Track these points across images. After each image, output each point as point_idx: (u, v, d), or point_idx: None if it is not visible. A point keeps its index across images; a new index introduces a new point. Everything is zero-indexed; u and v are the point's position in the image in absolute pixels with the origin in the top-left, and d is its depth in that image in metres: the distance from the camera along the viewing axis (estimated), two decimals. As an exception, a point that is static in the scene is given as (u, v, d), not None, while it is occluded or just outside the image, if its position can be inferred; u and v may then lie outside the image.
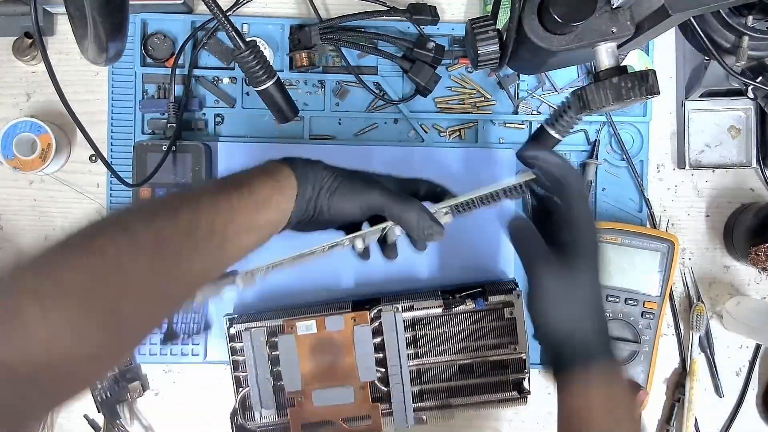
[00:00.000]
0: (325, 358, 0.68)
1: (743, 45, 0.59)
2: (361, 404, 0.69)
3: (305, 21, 0.75)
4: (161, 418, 0.75)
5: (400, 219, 0.53)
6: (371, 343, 0.68)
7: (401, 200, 0.53)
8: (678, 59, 0.76)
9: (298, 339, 0.68)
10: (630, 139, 0.76)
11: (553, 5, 0.47)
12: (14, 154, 0.70)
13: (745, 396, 0.76)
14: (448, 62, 0.75)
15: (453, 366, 0.70)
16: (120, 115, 0.74)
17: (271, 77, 0.58)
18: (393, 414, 0.69)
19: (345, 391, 0.68)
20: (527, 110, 0.76)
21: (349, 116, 0.75)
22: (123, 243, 0.42)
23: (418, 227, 0.53)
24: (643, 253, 0.71)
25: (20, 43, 0.73)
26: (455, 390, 0.70)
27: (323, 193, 0.53)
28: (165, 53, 0.74)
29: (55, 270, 0.40)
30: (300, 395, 0.68)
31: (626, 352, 0.70)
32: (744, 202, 0.77)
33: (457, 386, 0.70)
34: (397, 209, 0.53)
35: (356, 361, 0.68)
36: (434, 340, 0.70)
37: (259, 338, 0.69)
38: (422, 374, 0.70)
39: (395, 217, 0.53)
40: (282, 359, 0.68)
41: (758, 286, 0.77)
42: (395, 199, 0.53)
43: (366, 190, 0.53)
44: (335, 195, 0.53)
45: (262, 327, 0.69)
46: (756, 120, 0.75)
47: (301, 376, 0.68)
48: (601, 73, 0.50)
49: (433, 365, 0.70)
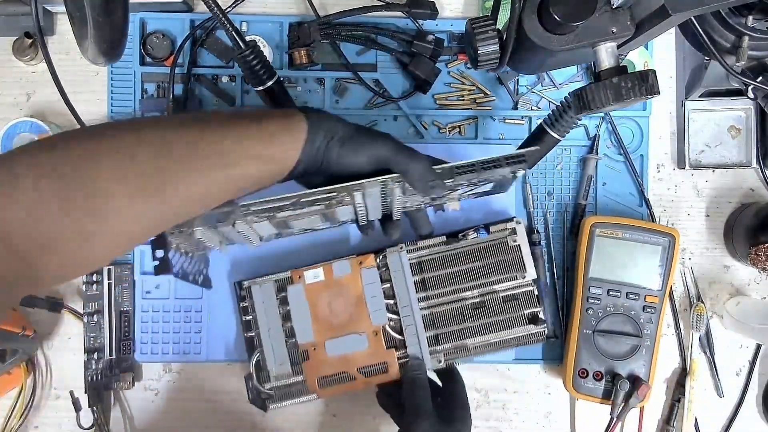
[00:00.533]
0: (335, 306, 0.68)
1: (743, 45, 0.59)
2: (376, 351, 0.68)
3: (304, 18, 0.75)
4: (161, 417, 0.75)
5: (407, 169, 0.54)
6: (379, 285, 0.68)
7: (409, 152, 0.55)
8: (678, 59, 0.76)
9: (307, 288, 0.68)
10: (630, 134, 0.76)
11: (553, 5, 0.47)
12: (14, 154, 0.70)
13: (745, 396, 0.76)
14: (446, 59, 0.75)
15: (465, 306, 0.69)
16: (120, 115, 0.74)
17: (272, 77, 0.58)
18: (409, 358, 0.68)
19: (358, 339, 0.68)
20: (527, 106, 0.76)
21: (349, 113, 0.75)
22: (127, 136, 0.45)
23: (423, 178, 0.54)
24: (644, 247, 0.71)
25: (20, 43, 0.73)
26: (470, 331, 0.69)
27: (333, 143, 0.53)
28: (164, 52, 0.74)
29: (55, 147, 0.43)
30: (313, 346, 0.68)
31: (628, 346, 0.70)
32: (744, 202, 0.77)
33: (472, 327, 0.69)
34: (403, 162, 0.54)
35: (366, 305, 0.68)
36: (443, 280, 0.69)
37: (268, 291, 0.69)
38: (435, 318, 0.69)
39: (401, 167, 0.54)
40: (293, 311, 0.68)
41: (758, 286, 0.77)
42: (403, 150, 0.54)
43: (375, 141, 0.54)
44: (345, 145, 0.53)
45: (270, 280, 0.69)
46: (756, 120, 0.75)
47: (313, 327, 0.68)
48: (601, 72, 0.50)
49: (444, 307, 0.69)
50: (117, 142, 0.44)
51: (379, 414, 0.75)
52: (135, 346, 0.73)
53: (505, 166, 0.56)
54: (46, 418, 0.74)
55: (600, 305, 0.71)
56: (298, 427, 0.75)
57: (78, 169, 0.42)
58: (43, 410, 0.74)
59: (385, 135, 0.56)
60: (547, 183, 0.76)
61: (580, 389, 0.71)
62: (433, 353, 0.69)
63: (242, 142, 0.48)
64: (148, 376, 0.75)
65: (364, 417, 0.75)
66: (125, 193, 0.44)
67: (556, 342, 0.75)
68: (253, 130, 0.49)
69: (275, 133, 0.50)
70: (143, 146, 0.45)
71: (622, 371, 0.70)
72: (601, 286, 0.71)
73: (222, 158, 0.48)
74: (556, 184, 0.76)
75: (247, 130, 0.49)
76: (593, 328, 0.71)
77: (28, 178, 0.41)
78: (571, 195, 0.76)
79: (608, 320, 0.71)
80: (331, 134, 0.53)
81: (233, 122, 0.49)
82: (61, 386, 0.74)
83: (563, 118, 0.57)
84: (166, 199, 0.46)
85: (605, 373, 0.71)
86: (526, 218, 0.75)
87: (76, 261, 0.45)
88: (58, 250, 0.43)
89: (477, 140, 0.75)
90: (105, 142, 0.44)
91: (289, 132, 0.51)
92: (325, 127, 0.53)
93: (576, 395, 0.71)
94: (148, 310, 0.73)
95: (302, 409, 0.74)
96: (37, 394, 0.74)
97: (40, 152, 0.43)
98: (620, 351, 0.71)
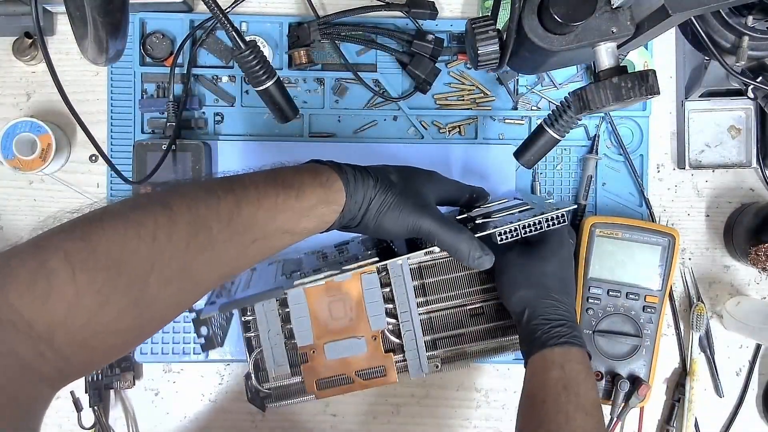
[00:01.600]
0: (334, 309, 0.68)
1: (743, 45, 0.59)
2: (374, 355, 0.68)
3: (303, 18, 0.75)
4: (161, 417, 0.75)
5: (451, 249, 0.54)
6: (379, 290, 0.68)
7: (452, 230, 0.54)
8: (678, 59, 0.76)
9: (306, 292, 0.68)
10: (630, 134, 0.76)
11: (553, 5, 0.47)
12: (14, 154, 0.70)
13: (745, 396, 0.76)
14: (446, 59, 0.75)
15: (463, 312, 0.69)
16: (120, 115, 0.74)
17: (272, 77, 0.58)
18: (407, 362, 0.68)
19: (357, 342, 0.68)
20: (527, 106, 0.76)
21: (349, 114, 0.76)
22: (161, 219, 0.42)
23: (470, 257, 0.54)
24: (644, 247, 0.71)
25: (20, 43, 0.73)
26: (468, 336, 0.69)
27: (371, 213, 0.52)
28: (164, 52, 0.74)
29: (90, 235, 0.40)
30: (312, 349, 0.68)
31: (628, 346, 0.70)
32: (744, 202, 0.77)
33: (470, 332, 0.69)
34: (448, 240, 0.54)
35: (366, 309, 0.68)
36: (442, 286, 0.69)
37: None
38: (434, 322, 0.69)
39: (445, 247, 0.54)
40: (292, 314, 0.68)
41: (758, 286, 0.77)
42: (446, 228, 0.54)
43: (417, 217, 0.53)
44: (385, 218, 0.53)
45: None
46: (756, 120, 0.75)
47: (313, 330, 0.68)
48: (601, 73, 0.50)
49: (443, 312, 0.69)
50: (151, 226, 0.41)
51: (379, 414, 0.75)
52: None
53: (546, 228, 0.59)
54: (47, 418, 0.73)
55: (600, 305, 0.71)
56: (297, 427, 0.75)
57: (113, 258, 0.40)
58: (43, 410, 0.74)
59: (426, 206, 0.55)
60: (547, 183, 0.76)
61: (580, 389, 0.71)
62: (431, 358, 0.69)
63: (276, 218, 0.47)
64: (149, 376, 0.75)
65: (364, 417, 0.75)
66: (160, 281, 0.42)
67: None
68: (290, 203, 0.48)
69: (314, 207, 0.49)
70: (178, 227, 0.42)
71: (622, 371, 0.70)
72: (601, 286, 0.71)
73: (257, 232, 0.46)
74: (556, 184, 0.76)
75: (284, 203, 0.47)
76: (593, 328, 0.71)
77: (65, 272, 0.38)
78: (571, 195, 0.76)
79: (608, 320, 0.71)
80: (367, 204, 0.52)
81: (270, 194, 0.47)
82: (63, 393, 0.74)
83: (563, 118, 0.57)
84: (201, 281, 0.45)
85: (605, 373, 0.71)
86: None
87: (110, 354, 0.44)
88: (94, 347, 0.40)
89: (477, 140, 0.75)
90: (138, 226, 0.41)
91: (327, 203, 0.50)
92: (361, 194, 0.52)
93: (576, 395, 0.71)
94: (148, 310, 0.73)
95: (301, 408, 0.74)
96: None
97: (74, 241, 0.39)
98: (620, 351, 0.71)
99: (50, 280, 0.37)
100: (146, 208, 0.43)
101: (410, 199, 0.54)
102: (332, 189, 0.50)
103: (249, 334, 0.69)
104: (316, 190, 0.49)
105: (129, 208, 0.43)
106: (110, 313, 0.39)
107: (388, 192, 0.53)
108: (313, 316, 0.68)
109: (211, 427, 0.75)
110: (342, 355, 0.68)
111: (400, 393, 0.75)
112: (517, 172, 0.75)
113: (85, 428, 0.72)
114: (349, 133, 0.75)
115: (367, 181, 0.52)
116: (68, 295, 0.38)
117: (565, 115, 0.57)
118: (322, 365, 0.68)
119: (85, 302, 0.38)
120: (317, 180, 0.50)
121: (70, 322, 0.38)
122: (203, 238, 0.43)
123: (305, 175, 0.50)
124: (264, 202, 0.46)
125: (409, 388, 0.75)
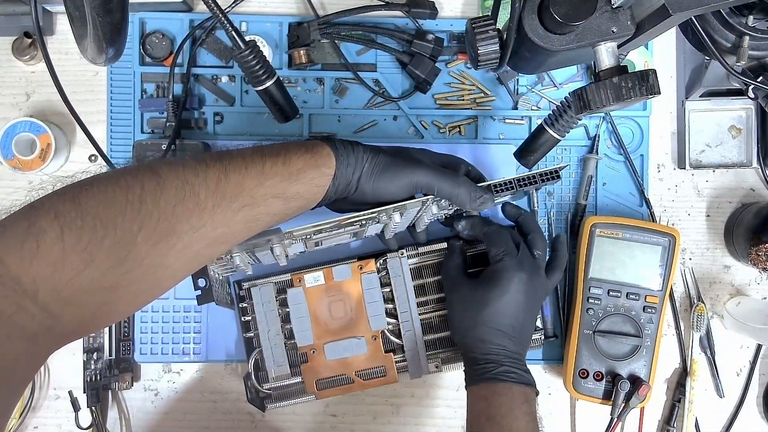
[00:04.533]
0: (335, 309, 0.68)
1: (744, 45, 0.59)
2: (374, 355, 0.68)
3: (303, 18, 0.75)
4: (161, 417, 0.75)
5: (451, 195, 0.55)
6: (379, 290, 0.68)
7: (449, 177, 0.55)
8: (678, 59, 0.76)
9: (306, 291, 0.68)
10: (630, 134, 0.76)
11: (553, 5, 0.47)
12: (14, 154, 0.70)
13: (745, 396, 0.76)
14: (446, 58, 0.75)
15: None
16: (119, 115, 0.74)
17: (271, 77, 0.58)
18: (407, 362, 0.68)
19: (357, 343, 0.68)
20: (527, 106, 0.76)
21: (349, 113, 0.75)
22: (150, 184, 0.44)
23: (471, 198, 0.56)
24: (644, 247, 0.71)
25: (20, 43, 0.73)
26: None
27: (365, 176, 0.53)
28: (163, 52, 0.74)
29: (80, 197, 0.42)
30: (312, 349, 0.68)
31: (628, 346, 0.70)
32: (744, 202, 0.77)
33: None
34: (447, 187, 0.55)
35: (366, 309, 0.68)
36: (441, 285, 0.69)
37: (267, 293, 0.68)
38: (433, 322, 0.69)
39: (445, 194, 0.55)
40: (292, 313, 0.68)
41: (759, 286, 0.77)
42: (443, 176, 0.55)
43: (411, 171, 0.54)
44: (380, 177, 0.54)
45: (269, 283, 0.69)
46: (756, 120, 0.75)
47: (313, 330, 0.68)
48: (602, 72, 0.50)
49: (443, 312, 0.69)
50: (138, 189, 0.43)
51: (379, 414, 0.75)
52: (135, 346, 0.73)
53: (540, 183, 0.60)
54: (46, 418, 0.74)
55: (600, 305, 0.71)
56: (297, 427, 0.75)
57: (100, 219, 0.41)
58: (42, 411, 0.74)
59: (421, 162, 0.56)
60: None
61: (581, 390, 0.71)
62: (432, 358, 0.69)
63: (264, 183, 0.48)
64: (148, 376, 0.75)
65: (364, 417, 0.75)
66: (148, 241, 0.43)
67: (556, 342, 0.74)
68: (277, 168, 0.49)
69: (302, 170, 0.50)
70: (166, 191, 0.44)
71: (622, 371, 0.70)
72: (601, 287, 0.71)
73: (246, 198, 0.47)
74: (556, 184, 0.76)
75: (271, 169, 0.49)
76: (593, 329, 0.71)
77: (53, 231, 0.40)
78: (571, 195, 0.76)
79: (608, 320, 0.71)
80: (361, 166, 0.53)
81: (256, 160, 0.48)
82: (61, 387, 0.74)
83: (563, 118, 0.57)
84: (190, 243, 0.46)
85: (606, 373, 0.70)
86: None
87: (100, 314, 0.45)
88: (82, 304, 0.42)
89: (477, 140, 0.75)
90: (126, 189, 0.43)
91: (315, 168, 0.51)
92: (353, 159, 0.53)
93: (576, 396, 0.71)
94: (147, 311, 0.73)
95: (302, 409, 0.74)
96: (36, 394, 0.74)
97: (64, 203, 0.42)
98: (620, 351, 0.70)
99: (39, 238, 0.39)
100: (135, 174, 0.45)
101: (403, 157, 0.55)
102: (320, 154, 0.51)
103: (248, 334, 0.69)
104: (303, 155, 0.50)
105: (119, 173, 0.45)
106: (96, 271, 0.41)
107: (379, 154, 0.54)
108: (313, 315, 0.68)
109: (211, 427, 0.75)
110: (342, 355, 0.68)
111: (400, 393, 0.75)
112: (517, 172, 0.75)
113: (82, 428, 0.72)
114: (349, 133, 0.75)
115: (356, 147, 0.54)
116: (55, 252, 0.39)
117: (566, 115, 0.57)
118: (322, 365, 0.68)
119: (71, 259, 0.40)
120: (304, 147, 0.51)
121: (57, 279, 0.40)
122: (190, 203, 0.45)
123: (292, 144, 0.52)
124: (251, 170, 0.48)
125: (409, 388, 0.75)
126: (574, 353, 0.71)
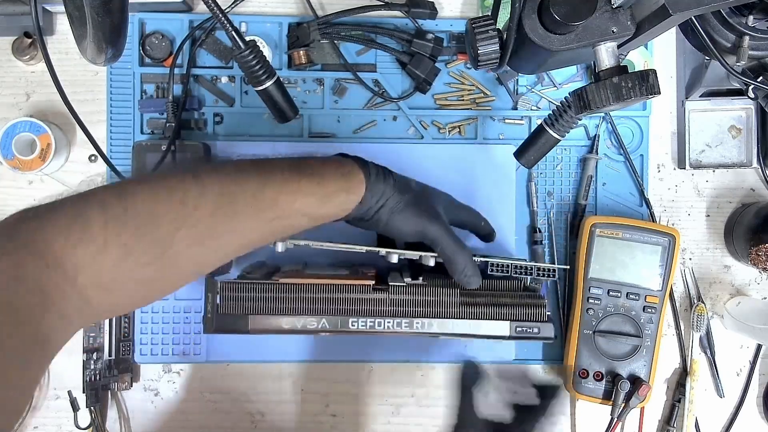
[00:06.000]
0: None
1: (744, 45, 0.59)
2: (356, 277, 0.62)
3: (303, 18, 0.75)
4: (161, 417, 0.75)
5: (449, 259, 0.57)
6: None
7: (455, 242, 0.57)
8: (678, 59, 0.76)
9: None
10: (630, 134, 0.76)
11: (553, 5, 0.47)
12: (13, 154, 0.70)
13: (745, 396, 0.76)
14: (446, 58, 0.75)
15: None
16: (119, 115, 0.74)
17: (271, 77, 0.58)
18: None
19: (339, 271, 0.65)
20: (527, 106, 0.76)
21: (348, 114, 0.75)
22: (191, 188, 0.47)
23: (462, 272, 0.58)
24: (644, 247, 0.71)
25: (20, 43, 0.73)
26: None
27: (385, 210, 0.56)
28: (163, 53, 0.74)
29: (126, 193, 0.45)
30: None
31: (628, 346, 0.70)
32: (744, 202, 0.77)
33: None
34: (449, 250, 0.57)
35: None
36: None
37: None
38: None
39: (445, 256, 0.58)
40: None
41: (759, 286, 0.77)
42: (451, 240, 0.57)
43: (427, 221, 0.57)
44: (398, 216, 0.56)
45: None
46: (756, 120, 0.75)
47: None
48: (602, 72, 0.50)
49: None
50: (181, 193, 0.46)
51: (379, 414, 0.75)
52: (135, 346, 0.73)
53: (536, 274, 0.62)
54: (45, 418, 0.74)
55: (600, 305, 0.71)
56: (297, 427, 0.75)
57: (142, 217, 0.44)
58: (42, 411, 0.74)
59: (438, 215, 0.58)
60: (547, 183, 0.76)
61: (581, 390, 0.71)
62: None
63: (298, 201, 0.51)
64: (148, 377, 0.75)
65: (364, 417, 0.75)
66: (184, 241, 0.46)
67: (556, 342, 0.74)
68: (312, 188, 0.51)
69: (334, 194, 0.52)
70: (206, 197, 0.47)
71: (622, 371, 0.70)
72: (601, 287, 0.71)
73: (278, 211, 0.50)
74: (556, 184, 0.76)
75: (307, 188, 0.51)
76: (593, 329, 0.71)
77: (98, 221, 0.42)
78: (571, 195, 0.76)
79: (608, 320, 0.71)
80: (386, 199, 0.55)
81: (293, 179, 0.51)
82: (61, 387, 0.74)
83: (563, 118, 0.57)
84: (222, 246, 0.49)
85: (606, 373, 0.70)
86: (529, 217, 0.75)
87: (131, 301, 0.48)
88: (115, 292, 0.44)
89: (477, 140, 0.75)
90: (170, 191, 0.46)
91: (347, 193, 0.53)
92: (380, 191, 0.55)
93: (576, 396, 0.71)
94: (147, 311, 0.73)
95: (302, 409, 0.74)
96: (36, 394, 0.74)
97: (111, 197, 0.44)
98: (621, 351, 0.70)
99: (84, 226, 0.42)
100: (180, 178, 0.48)
101: (424, 205, 0.58)
102: (354, 180, 0.53)
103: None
104: (338, 180, 0.53)
105: (166, 176, 0.48)
106: (132, 264, 0.44)
107: (405, 194, 0.56)
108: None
109: (211, 427, 0.75)
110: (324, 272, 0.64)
111: (400, 393, 0.75)
112: (517, 172, 0.75)
113: (81, 428, 0.72)
114: (348, 133, 0.75)
115: (387, 179, 0.56)
116: (98, 242, 0.42)
117: (566, 115, 0.57)
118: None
119: (111, 250, 0.42)
120: (340, 170, 0.53)
121: (96, 267, 0.42)
122: (228, 210, 0.47)
123: (329, 165, 0.54)
124: (287, 186, 0.50)
125: (409, 388, 0.75)
126: (574, 353, 0.71)
